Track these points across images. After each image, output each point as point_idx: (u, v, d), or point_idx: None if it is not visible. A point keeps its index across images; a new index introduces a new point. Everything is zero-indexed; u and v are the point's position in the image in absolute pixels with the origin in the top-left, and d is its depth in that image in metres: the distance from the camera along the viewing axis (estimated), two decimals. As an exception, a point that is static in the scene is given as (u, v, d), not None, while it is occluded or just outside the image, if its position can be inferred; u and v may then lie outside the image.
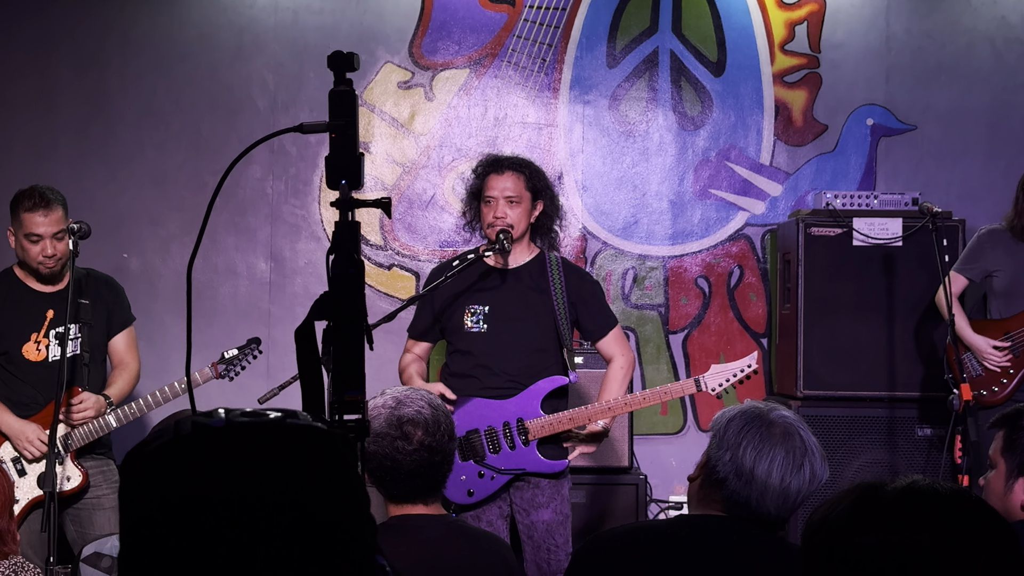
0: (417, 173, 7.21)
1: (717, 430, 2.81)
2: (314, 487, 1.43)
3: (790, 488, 2.72)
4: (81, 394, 5.32)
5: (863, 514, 1.84)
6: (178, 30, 7.16)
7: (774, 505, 2.73)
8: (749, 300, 7.27)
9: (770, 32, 7.26)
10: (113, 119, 7.13)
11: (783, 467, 2.72)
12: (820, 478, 2.77)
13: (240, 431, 1.44)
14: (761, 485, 2.71)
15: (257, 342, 5.71)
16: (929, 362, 6.51)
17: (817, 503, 5.09)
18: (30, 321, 5.43)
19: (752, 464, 2.72)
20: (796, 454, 2.74)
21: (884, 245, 6.56)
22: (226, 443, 1.43)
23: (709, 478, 2.79)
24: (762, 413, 2.79)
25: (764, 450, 2.73)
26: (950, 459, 5.73)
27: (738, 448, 2.74)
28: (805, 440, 2.77)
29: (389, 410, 3.27)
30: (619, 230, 7.25)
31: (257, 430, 1.45)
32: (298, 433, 1.47)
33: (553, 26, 7.21)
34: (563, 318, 5.13)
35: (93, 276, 5.60)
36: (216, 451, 1.42)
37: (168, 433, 1.45)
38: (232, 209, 7.11)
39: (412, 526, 3.27)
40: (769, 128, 7.26)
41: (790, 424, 2.78)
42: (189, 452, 1.42)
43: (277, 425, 1.47)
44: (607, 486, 6.29)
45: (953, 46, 7.30)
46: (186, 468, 1.41)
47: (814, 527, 1.90)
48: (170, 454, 1.43)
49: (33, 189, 5.38)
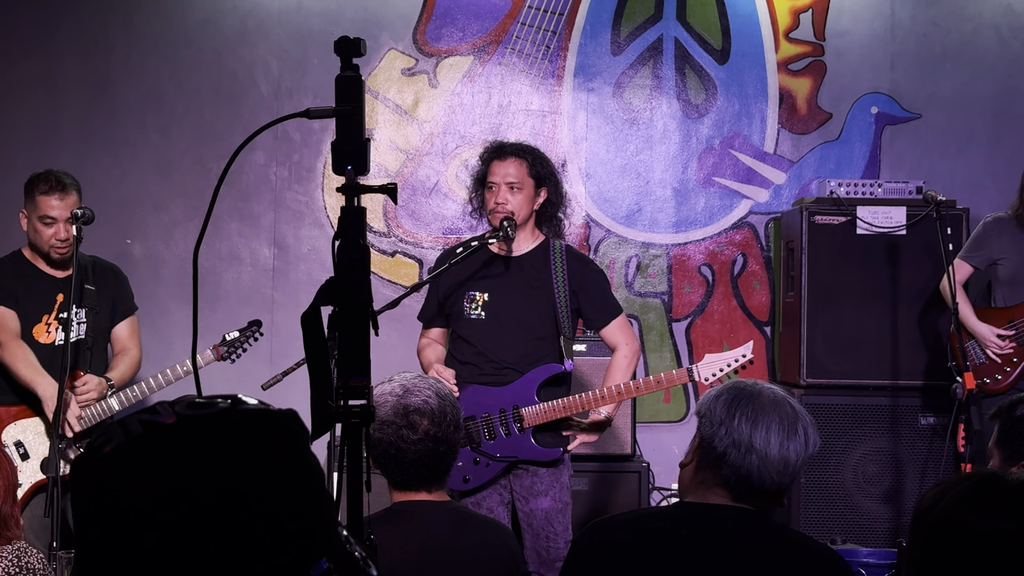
0: (421, 160, 7.20)
1: (706, 410, 2.78)
2: (271, 472, 1.42)
3: (789, 454, 2.70)
4: (84, 376, 5.33)
5: (983, 501, 1.85)
6: (182, 15, 7.15)
7: (776, 473, 2.70)
8: (752, 288, 7.27)
9: (775, 20, 7.24)
10: (116, 104, 7.12)
11: (780, 433, 2.70)
12: (814, 443, 2.74)
13: (191, 424, 1.43)
14: (761, 454, 2.69)
15: (258, 324, 5.72)
16: (933, 351, 6.51)
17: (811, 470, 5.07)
18: (42, 303, 5.46)
19: (749, 434, 2.70)
20: (789, 420, 2.72)
21: (888, 233, 6.55)
22: (179, 438, 1.41)
23: (706, 458, 2.76)
24: (747, 386, 2.78)
25: (759, 419, 2.70)
26: (953, 447, 5.73)
27: (732, 420, 2.71)
28: (795, 407, 2.76)
29: (396, 398, 3.27)
30: (623, 218, 7.25)
31: (208, 422, 1.44)
32: (249, 419, 1.46)
33: (557, 13, 7.20)
34: (563, 306, 5.12)
35: (100, 264, 5.64)
36: (170, 447, 1.40)
37: (118, 435, 1.42)
38: (236, 195, 7.10)
39: (415, 512, 3.27)
40: (773, 116, 7.25)
41: (777, 393, 2.78)
42: (143, 451, 1.40)
43: (227, 414, 1.45)
44: (609, 474, 6.29)
45: (958, 34, 7.28)
46: (142, 468, 1.39)
47: (924, 511, 1.90)
48: (124, 455, 1.41)
49: (49, 173, 5.40)
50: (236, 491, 1.39)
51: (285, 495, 1.43)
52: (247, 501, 1.39)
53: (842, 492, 6.46)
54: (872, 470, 6.49)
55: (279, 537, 1.41)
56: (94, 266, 5.56)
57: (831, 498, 6.45)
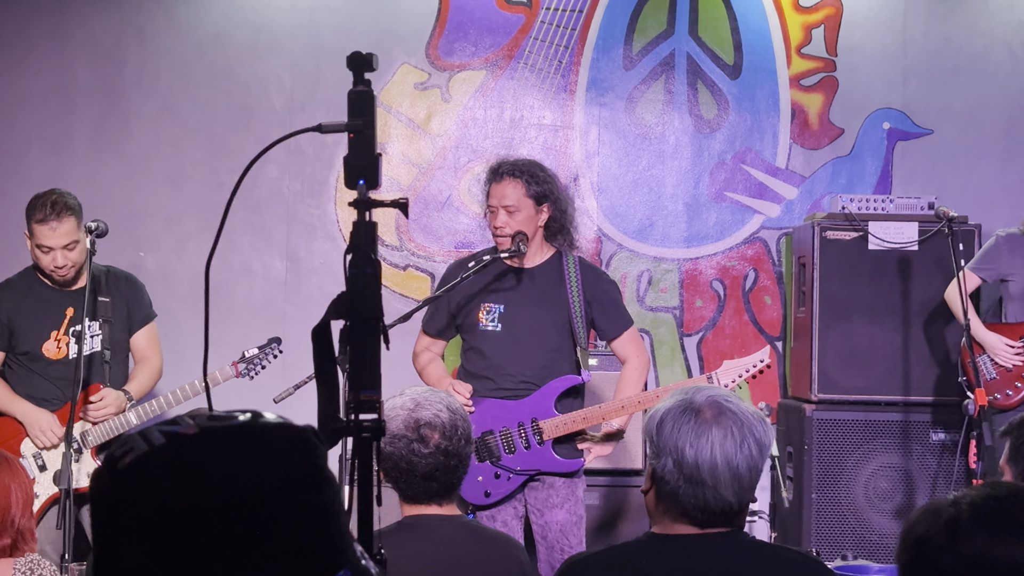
0: (433, 174, 7.22)
1: (651, 436, 2.70)
2: (290, 485, 1.42)
3: (739, 469, 2.62)
4: (101, 391, 5.35)
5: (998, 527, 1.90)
6: (195, 28, 7.18)
7: (732, 494, 2.63)
8: (764, 303, 7.26)
9: (787, 35, 7.25)
10: (130, 117, 7.15)
11: (725, 450, 2.61)
12: (766, 445, 2.67)
13: (213, 436, 1.43)
14: (711, 478, 2.61)
15: (277, 341, 5.73)
16: (944, 366, 6.50)
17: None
18: (50, 319, 5.46)
19: (695, 460, 2.62)
20: (733, 431, 2.63)
21: (900, 249, 6.54)
22: (200, 449, 1.41)
23: (661, 491, 2.69)
24: (688, 402, 2.67)
25: (702, 441, 2.62)
26: (964, 464, 5.72)
27: (677, 450, 2.64)
28: (737, 413, 2.66)
29: (407, 412, 3.27)
30: (634, 232, 7.25)
31: (229, 433, 1.44)
32: (270, 432, 1.46)
33: (570, 28, 7.22)
34: (578, 317, 5.13)
35: (113, 273, 5.64)
36: (192, 458, 1.40)
37: (140, 445, 1.42)
38: (248, 208, 7.12)
39: (426, 526, 3.27)
40: (785, 131, 7.26)
41: (717, 402, 2.67)
42: (165, 461, 1.40)
43: (248, 427, 1.46)
44: (621, 488, 6.28)
45: (970, 49, 7.28)
46: (164, 478, 1.39)
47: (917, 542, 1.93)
48: (146, 465, 1.40)
49: (45, 199, 5.34)
50: (256, 504, 1.39)
51: (304, 509, 1.43)
52: (266, 514, 1.40)
53: (853, 508, 6.45)
54: (883, 486, 6.47)
55: (298, 551, 1.41)
56: (108, 276, 5.57)
57: (842, 514, 6.44)
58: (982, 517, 2.01)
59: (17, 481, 3.69)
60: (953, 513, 2.02)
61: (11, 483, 3.66)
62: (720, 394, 2.71)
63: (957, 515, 2.01)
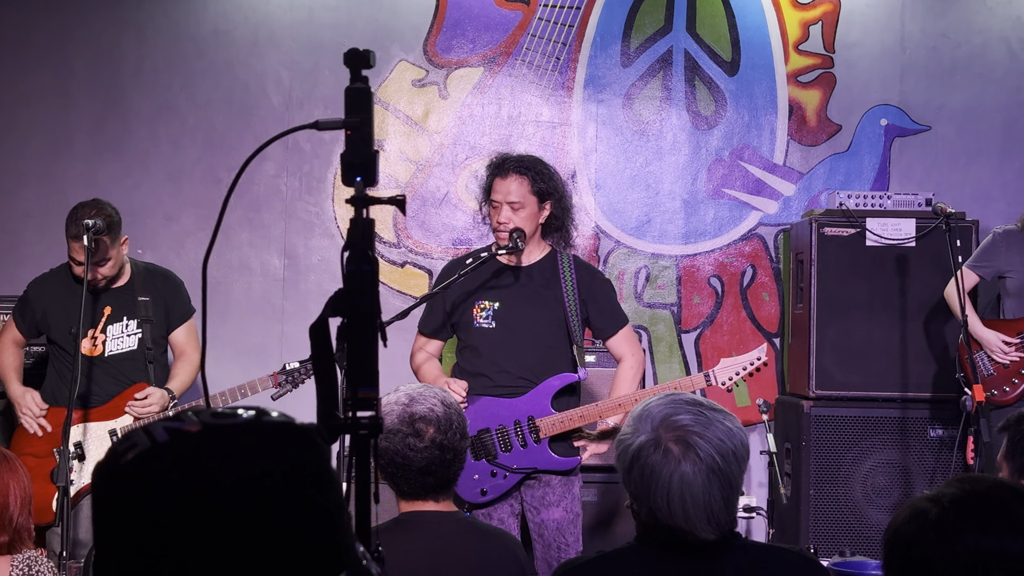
0: (431, 171, 7.22)
1: (623, 476, 2.66)
2: (293, 484, 1.43)
3: (713, 507, 2.59)
4: (146, 388, 5.46)
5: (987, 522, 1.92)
6: (194, 26, 7.18)
7: (711, 531, 2.60)
8: (762, 300, 7.27)
9: (784, 32, 7.25)
10: (128, 114, 7.15)
11: (693, 493, 2.57)
12: (735, 475, 2.62)
13: (216, 433, 1.43)
14: (686, 523, 2.58)
15: None
16: (941, 363, 6.51)
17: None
18: (87, 317, 5.49)
19: (667, 509, 2.58)
20: (700, 465, 2.58)
21: (897, 245, 6.55)
22: (204, 446, 1.42)
23: (641, 524, 2.68)
24: (656, 440, 2.60)
25: (672, 486, 2.57)
26: (962, 459, 5.73)
27: (649, 496, 2.60)
28: (702, 447, 2.59)
29: (402, 407, 3.28)
30: (632, 229, 7.26)
31: (232, 431, 1.45)
32: (273, 431, 1.47)
33: (568, 25, 7.22)
34: (574, 315, 5.13)
35: (152, 271, 5.76)
36: (195, 455, 1.41)
37: (143, 440, 1.42)
38: (246, 206, 7.12)
39: (423, 522, 3.28)
40: (783, 128, 7.26)
41: (680, 435, 2.61)
42: (169, 458, 1.41)
43: (251, 425, 1.46)
44: (617, 485, 6.26)
45: (968, 46, 7.29)
46: (167, 474, 1.39)
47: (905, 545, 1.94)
48: (149, 462, 1.41)
49: (82, 214, 5.36)
50: (257, 503, 1.39)
51: (306, 509, 1.43)
52: (268, 513, 1.40)
53: (851, 504, 6.45)
54: (881, 482, 6.48)
55: (299, 551, 1.41)
56: (147, 274, 5.67)
57: (840, 510, 6.45)
58: (970, 514, 2.03)
59: (16, 479, 3.69)
60: (938, 513, 2.03)
61: (10, 481, 3.67)
62: (688, 421, 2.62)
63: (942, 514, 2.03)
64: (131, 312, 5.54)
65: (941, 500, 2.06)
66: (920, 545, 2.04)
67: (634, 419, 2.69)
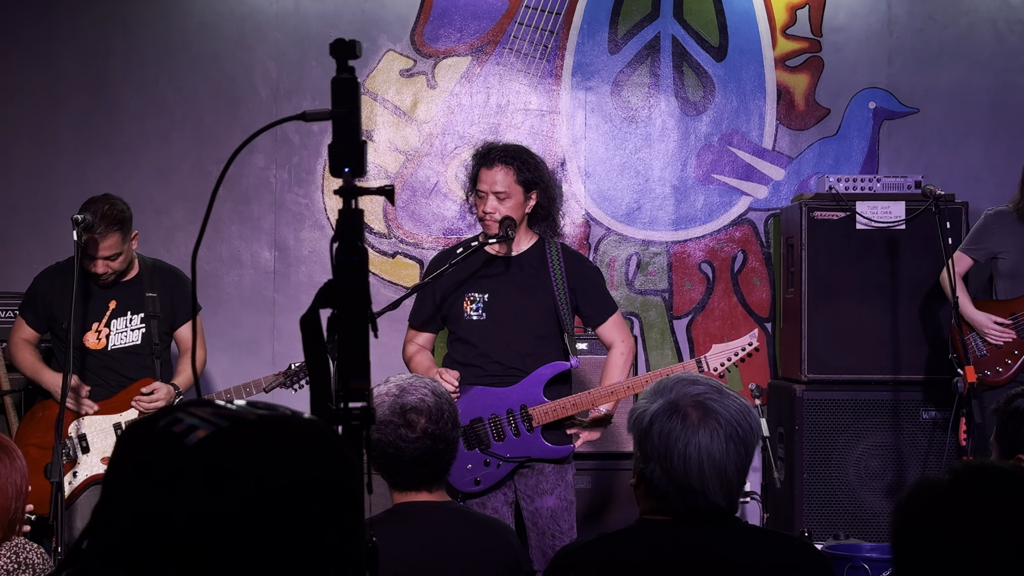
0: (420, 161, 7.21)
1: (637, 439, 2.68)
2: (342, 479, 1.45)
3: (727, 472, 2.62)
4: (153, 384, 5.48)
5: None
6: (180, 19, 7.16)
7: (722, 497, 2.63)
8: (753, 285, 7.27)
9: (771, 16, 7.25)
10: (116, 109, 7.13)
11: (712, 455, 2.60)
12: (752, 444, 2.66)
13: (269, 423, 1.45)
14: (700, 485, 2.61)
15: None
16: (933, 344, 6.52)
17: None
18: (92, 310, 5.54)
19: (683, 468, 2.60)
20: (719, 434, 2.62)
21: (887, 228, 6.56)
22: (262, 435, 1.44)
23: (652, 492, 2.69)
24: (674, 404, 2.65)
25: (690, 448, 2.60)
26: (955, 441, 5.74)
27: (664, 457, 2.62)
28: (723, 412, 2.64)
29: (393, 398, 3.28)
30: (622, 216, 7.26)
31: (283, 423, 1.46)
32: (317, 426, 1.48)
33: (554, 12, 7.21)
34: (564, 303, 5.13)
35: (159, 267, 5.76)
36: (255, 442, 1.42)
37: (204, 424, 1.43)
38: (236, 198, 7.11)
39: (416, 513, 3.28)
40: (771, 112, 7.26)
41: (702, 403, 2.65)
42: (234, 443, 1.42)
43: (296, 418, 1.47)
44: (611, 471, 6.30)
45: (955, 28, 7.29)
46: (234, 458, 1.41)
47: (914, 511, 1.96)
48: (217, 444, 1.42)
49: (97, 209, 5.38)
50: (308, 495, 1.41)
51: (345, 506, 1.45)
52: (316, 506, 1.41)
53: (844, 487, 6.47)
54: (874, 465, 6.50)
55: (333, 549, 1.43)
56: (154, 270, 5.68)
57: (833, 493, 6.46)
58: (981, 482, 2.05)
59: (13, 471, 3.68)
60: (949, 480, 2.05)
61: (8, 473, 3.66)
62: (705, 391, 2.68)
63: (953, 481, 2.05)
64: (137, 307, 5.56)
65: (951, 470, 2.08)
66: (931, 513, 2.05)
67: (650, 391, 2.72)
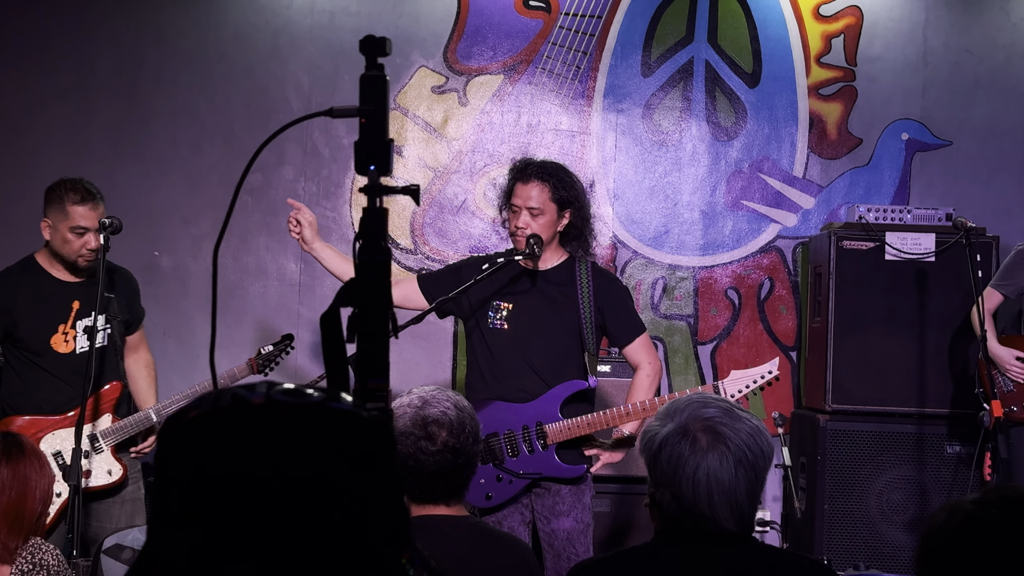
0: (449, 178, 7.21)
1: (649, 462, 2.67)
2: (347, 473, 1.42)
3: (738, 497, 2.61)
4: (149, 439, 5.45)
5: None
6: (214, 30, 7.19)
7: (733, 523, 2.62)
8: (779, 312, 7.23)
9: (806, 44, 7.23)
10: (148, 116, 7.15)
11: (721, 481, 2.59)
12: (762, 468, 2.65)
13: (279, 409, 1.43)
14: (710, 511, 2.60)
15: (290, 338, 5.81)
16: (960, 379, 6.46)
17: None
18: (57, 313, 5.37)
19: (692, 495, 2.59)
20: (728, 459, 2.60)
21: (917, 260, 6.51)
22: (263, 420, 1.42)
23: (662, 515, 2.68)
24: (685, 429, 2.63)
25: (699, 474, 2.59)
26: (979, 476, 5.68)
27: (675, 482, 2.61)
28: (731, 436, 2.62)
29: (415, 410, 3.25)
30: (650, 239, 7.23)
31: (296, 410, 1.44)
32: (337, 418, 1.45)
33: (588, 34, 7.20)
34: (588, 322, 5.10)
35: (112, 268, 5.50)
36: (252, 427, 1.41)
37: (207, 403, 1.44)
38: (263, 210, 7.12)
39: (433, 527, 3.25)
40: (803, 140, 7.23)
41: (711, 425, 2.63)
42: (225, 425, 1.41)
43: (316, 407, 1.45)
44: (632, 495, 6.25)
45: (991, 62, 7.25)
46: (220, 441, 1.40)
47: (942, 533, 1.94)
48: (207, 425, 1.42)
49: (78, 183, 5.32)
50: (310, 483, 1.39)
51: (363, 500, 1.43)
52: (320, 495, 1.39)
53: (866, 519, 6.41)
54: (897, 498, 6.43)
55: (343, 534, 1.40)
56: (109, 271, 5.46)
57: (854, 525, 6.40)
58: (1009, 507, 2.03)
59: (42, 477, 3.69)
60: (976, 506, 2.04)
61: (38, 480, 3.67)
62: (716, 414, 2.66)
63: (980, 507, 2.03)
64: (103, 308, 5.21)
65: (979, 498, 2.08)
66: (957, 538, 2.03)
67: (662, 413, 2.71)
